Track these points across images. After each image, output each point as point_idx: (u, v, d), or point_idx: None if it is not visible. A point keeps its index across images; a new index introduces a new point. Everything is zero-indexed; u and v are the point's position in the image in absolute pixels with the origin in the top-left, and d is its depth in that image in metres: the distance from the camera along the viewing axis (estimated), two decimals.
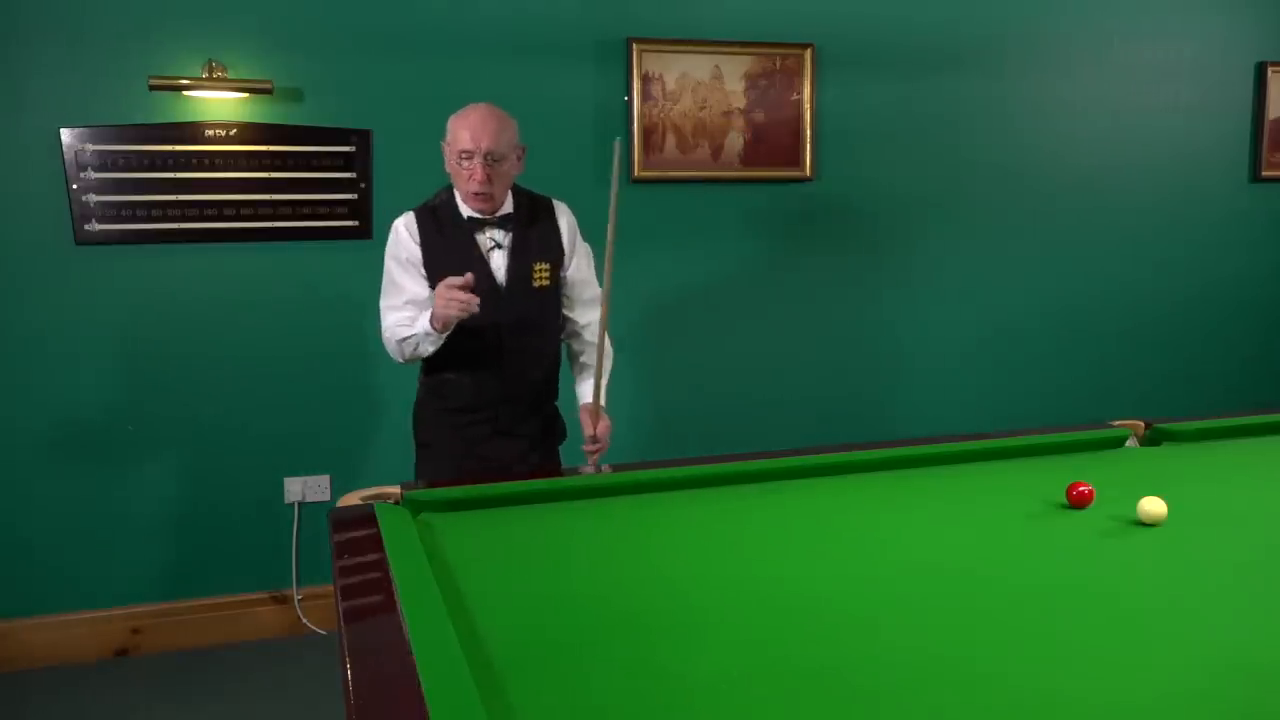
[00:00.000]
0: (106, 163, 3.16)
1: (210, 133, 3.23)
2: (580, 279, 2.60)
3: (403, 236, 2.47)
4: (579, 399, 2.64)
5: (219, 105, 3.25)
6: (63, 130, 3.12)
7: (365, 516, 1.82)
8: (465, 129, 2.38)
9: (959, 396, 4.08)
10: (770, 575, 1.61)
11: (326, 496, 3.49)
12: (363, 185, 3.37)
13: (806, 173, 3.79)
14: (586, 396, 2.60)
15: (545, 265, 2.51)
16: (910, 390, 4.04)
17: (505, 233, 2.49)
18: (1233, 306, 4.40)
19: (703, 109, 3.66)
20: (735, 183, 3.75)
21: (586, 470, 2.24)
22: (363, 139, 3.35)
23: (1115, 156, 4.17)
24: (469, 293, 2.28)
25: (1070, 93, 4.08)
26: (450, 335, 2.40)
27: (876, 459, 2.21)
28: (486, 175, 2.37)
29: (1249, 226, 4.38)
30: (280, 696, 3.10)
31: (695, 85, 3.64)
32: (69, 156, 3.13)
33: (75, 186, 3.14)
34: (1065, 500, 1.91)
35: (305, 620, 3.51)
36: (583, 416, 2.58)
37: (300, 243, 3.36)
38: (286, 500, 3.48)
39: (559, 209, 2.58)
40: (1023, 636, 1.37)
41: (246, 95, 3.24)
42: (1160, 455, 2.30)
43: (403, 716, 1.12)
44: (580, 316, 2.63)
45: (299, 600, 3.51)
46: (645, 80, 3.58)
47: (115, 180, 3.17)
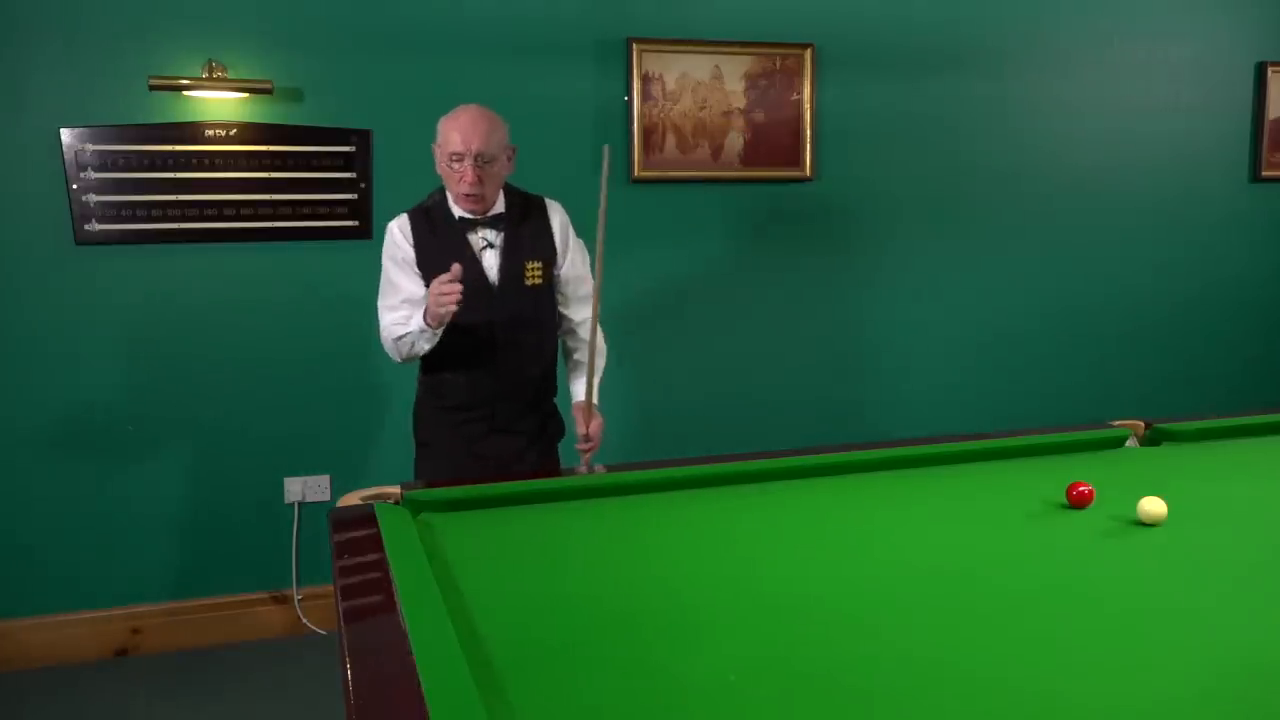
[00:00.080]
0: (106, 163, 3.16)
1: (210, 133, 3.23)
2: (575, 276, 2.61)
3: (397, 238, 2.49)
4: (572, 397, 2.66)
5: (219, 105, 3.25)
6: (63, 130, 3.12)
7: (365, 516, 1.82)
8: (455, 131, 2.38)
9: (959, 396, 4.08)
10: (771, 576, 1.61)
11: (326, 496, 3.49)
12: (363, 185, 3.37)
13: (806, 173, 3.79)
14: (580, 394, 2.61)
15: (538, 263, 2.52)
16: (910, 390, 4.04)
17: (497, 232, 2.50)
18: (1233, 307, 4.40)
19: (703, 109, 3.66)
20: (735, 183, 3.75)
21: (580, 470, 2.25)
22: (363, 139, 3.35)
23: (1115, 156, 4.16)
24: (456, 284, 2.28)
25: (1070, 93, 4.08)
26: (446, 334, 2.41)
27: (876, 459, 2.21)
28: (477, 177, 2.38)
29: (1249, 226, 4.38)
30: (280, 696, 3.11)
31: (695, 85, 3.64)
32: (69, 156, 3.13)
33: (75, 186, 3.14)
34: (1065, 500, 1.91)
35: (305, 620, 3.51)
36: (576, 414, 2.59)
37: (300, 243, 3.36)
38: (286, 500, 3.48)
39: (551, 207, 2.59)
40: (1022, 637, 1.37)
41: (246, 95, 3.24)
42: (1160, 455, 2.30)
43: (403, 716, 1.12)
44: (575, 314, 2.64)
45: (299, 600, 3.52)
46: (645, 80, 3.58)
47: (115, 180, 3.17)
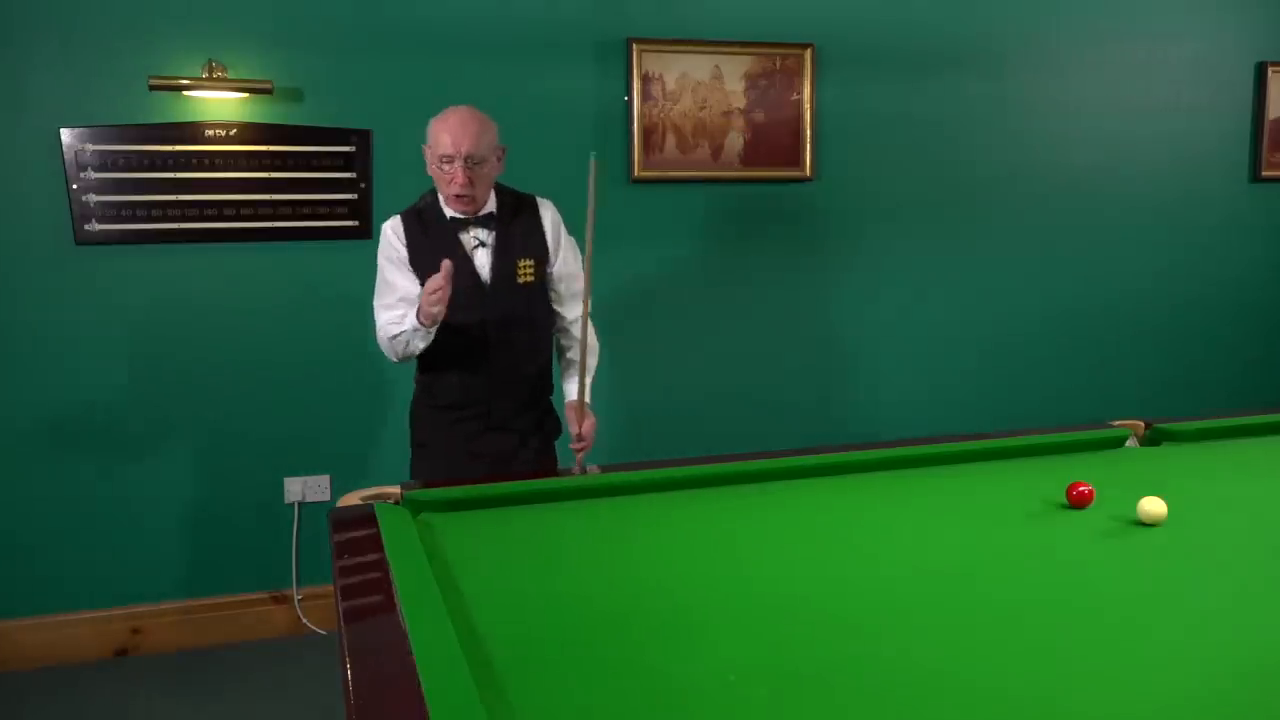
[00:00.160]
0: (106, 163, 3.15)
1: (210, 133, 3.23)
2: (567, 273, 2.61)
3: (390, 238, 2.51)
4: (565, 395, 2.66)
5: (219, 105, 3.25)
6: (63, 130, 3.12)
7: (365, 516, 1.82)
8: (446, 133, 2.39)
9: (959, 396, 4.08)
10: (771, 576, 1.61)
11: (326, 496, 3.49)
12: (363, 185, 3.37)
13: (806, 173, 3.79)
14: (572, 394, 2.62)
15: (529, 262, 2.53)
16: (910, 390, 4.04)
17: (489, 231, 2.51)
18: (1233, 307, 4.40)
19: (703, 109, 3.66)
20: (735, 183, 3.75)
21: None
22: (363, 139, 3.35)
23: (1115, 156, 4.16)
24: (445, 279, 2.28)
25: (1070, 93, 4.08)
26: (440, 333, 2.42)
27: (876, 459, 2.21)
28: (468, 178, 2.39)
29: (1249, 226, 4.38)
30: (280, 696, 3.11)
31: (695, 85, 3.64)
32: (69, 156, 3.13)
33: (75, 186, 3.14)
34: (1065, 500, 1.91)
35: (305, 620, 3.51)
36: (568, 414, 2.60)
37: (300, 243, 3.36)
38: (286, 500, 3.48)
39: (543, 206, 2.60)
40: (1022, 637, 1.36)
41: (246, 95, 3.24)
42: (1160, 455, 2.30)
43: (403, 716, 1.12)
44: (568, 312, 2.65)
45: (299, 600, 3.51)
46: (645, 80, 3.58)
47: (115, 180, 3.17)
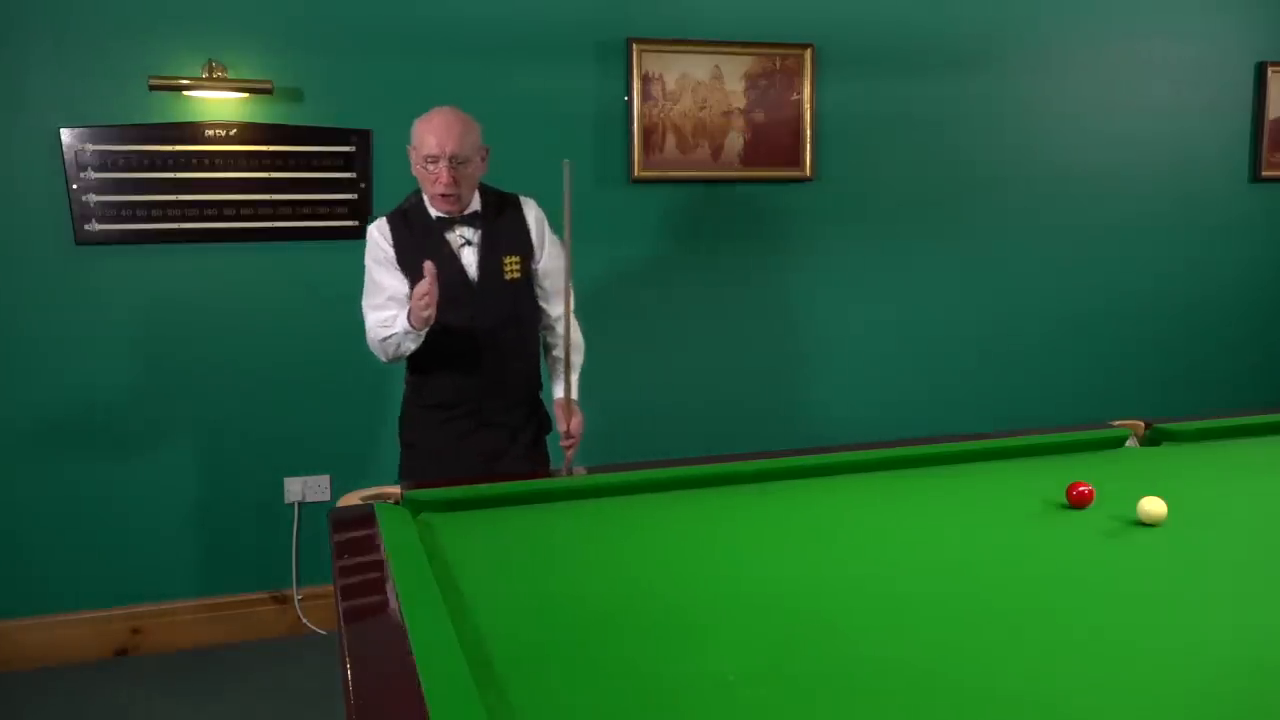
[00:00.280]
0: (106, 163, 3.15)
1: (210, 133, 3.23)
2: (554, 269, 2.63)
3: (377, 239, 2.53)
4: (553, 394, 2.67)
5: (219, 105, 3.25)
6: (62, 130, 3.12)
7: (365, 516, 1.82)
8: (430, 134, 2.41)
9: (959, 396, 4.08)
10: (771, 577, 1.61)
11: (326, 496, 3.49)
12: (363, 185, 3.37)
13: (806, 173, 3.79)
14: (560, 392, 2.63)
15: (515, 259, 2.55)
16: (910, 390, 4.04)
17: (474, 229, 2.53)
18: (1233, 307, 4.40)
19: (703, 109, 3.65)
20: (735, 183, 3.75)
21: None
22: (363, 139, 3.35)
23: (1115, 156, 4.16)
24: (431, 283, 2.29)
25: (1070, 93, 4.08)
26: (429, 333, 2.44)
27: (876, 459, 2.21)
28: (452, 178, 2.42)
29: (1249, 226, 4.38)
30: (280, 696, 3.10)
31: (695, 85, 3.63)
32: (69, 156, 3.13)
33: (75, 186, 3.14)
34: (1065, 500, 1.91)
35: (305, 620, 3.51)
36: (557, 411, 2.61)
37: (300, 243, 3.36)
38: (286, 500, 3.48)
39: (526, 204, 2.62)
40: (1021, 637, 1.37)
41: (246, 95, 3.24)
42: (1160, 455, 2.30)
43: (403, 716, 1.12)
44: (553, 309, 2.67)
45: (299, 600, 3.51)
46: (645, 80, 3.58)
47: (115, 180, 3.17)
